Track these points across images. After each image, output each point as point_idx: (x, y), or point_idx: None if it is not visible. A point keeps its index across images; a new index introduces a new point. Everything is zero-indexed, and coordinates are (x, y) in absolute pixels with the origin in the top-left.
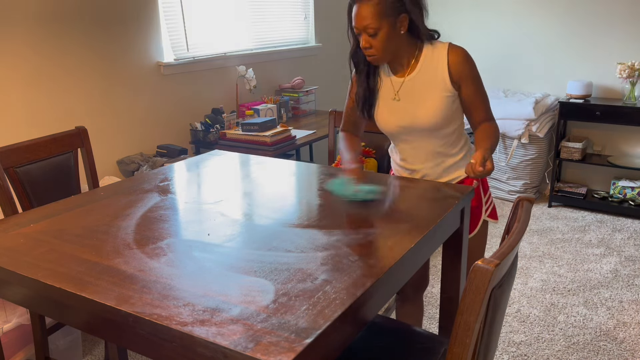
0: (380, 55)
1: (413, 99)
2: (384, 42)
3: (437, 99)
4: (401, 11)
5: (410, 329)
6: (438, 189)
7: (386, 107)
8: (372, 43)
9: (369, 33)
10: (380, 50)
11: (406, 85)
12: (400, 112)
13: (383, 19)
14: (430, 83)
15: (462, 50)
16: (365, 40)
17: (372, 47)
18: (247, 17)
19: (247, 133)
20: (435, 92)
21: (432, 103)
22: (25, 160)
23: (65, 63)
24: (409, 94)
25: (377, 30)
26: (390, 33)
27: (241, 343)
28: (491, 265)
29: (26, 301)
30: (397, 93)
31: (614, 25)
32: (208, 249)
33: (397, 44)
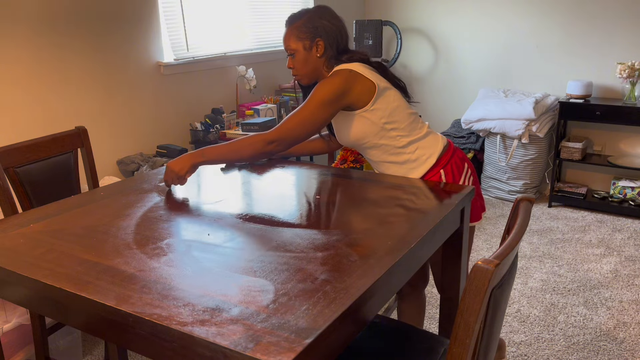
0: (301, 74)
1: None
2: (301, 63)
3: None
4: (316, 35)
5: (410, 329)
6: (438, 189)
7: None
8: (293, 64)
9: (289, 54)
10: (299, 70)
11: None
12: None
13: (298, 41)
14: None
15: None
16: (289, 61)
17: (294, 67)
18: (247, 17)
19: (247, 133)
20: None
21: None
22: (25, 160)
23: (65, 63)
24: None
25: (294, 52)
26: (305, 55)
27: (241, 343)
28: (491, 265)
29: (26, 301)
30: None
31: (613, 25)
32: (208, 249)
33: (315, 66)
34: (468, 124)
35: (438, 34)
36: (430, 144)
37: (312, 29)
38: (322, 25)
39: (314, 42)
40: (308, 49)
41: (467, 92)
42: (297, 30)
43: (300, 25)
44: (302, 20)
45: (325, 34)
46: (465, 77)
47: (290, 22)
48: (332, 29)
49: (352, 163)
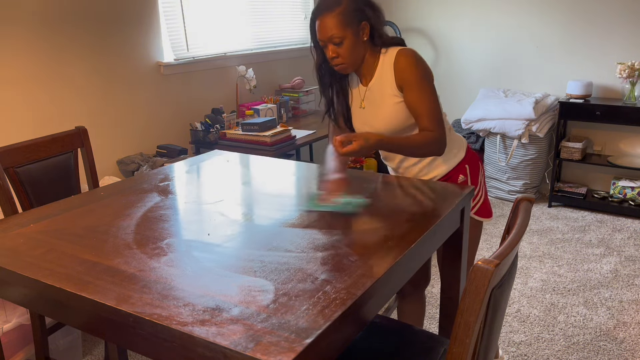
0: (348, 63)
1: (373, 106)
2: (350, 50)
3: (391, 105)
4: (362, 19)
5: (410, 329)
6: (438, 189)
7: (356, 115)
8: (338, 52)
9: (334, 42)
10: (347, 58)
11: (368, 94)
12: (365, 119)
13: (347, 27)
14: (383, 90)
15: (408, 55)
16: (332, 51)
17: (339, 56)
18: (247, 17)
19: (247, 133)
20: (389, 99)
21: (387, 110)
22: (25, 160)
23: (66, 63)
24: (371, 101)
25: (342, 39)
26: (354, 41)
27: (241, 343)
28: (491, 265)
29: (26, 301)
30: (362, 101)
31: (614, 25)
32: (208, 249)
33: (361, 52)
34: (468, 124)
35: (438, 34)
36: (456, 138)
37: (358, 12)
38: (364, 7)
39: (360, 26)
40: (356, 34)
41: (467, 92)
42: (341, 16)
43: (343, 10)
44: (344, 5)
45: (369, 16)
46: (465, 77)
47: (330, 8)
48: (374, 11)
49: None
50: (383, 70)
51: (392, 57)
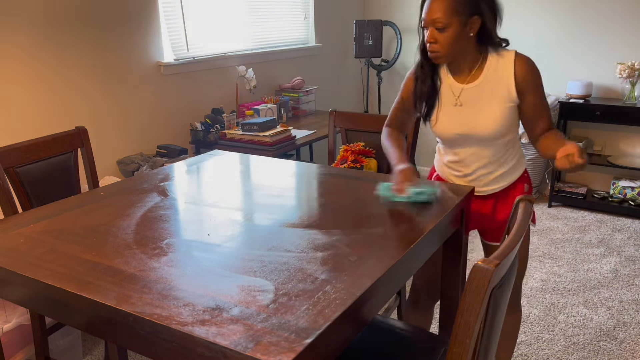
0: (444, 52)
1: (474, 107)
2: (451, 40)
3: (500, 109)
4: (474, 12)
5: (410, 328)
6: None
7: (447, 112)
8: (437, 38)
9: (437, 27)
10: (445, 48)
11: (467, 92)
12: (461, 119)
13: (454, 15)
14: (494, 92)
15: (528, 60)
16: (431, 35)
17: (437, 43)
18: (247, 17)
19: (247, 133)
20: (499, 102)
21: (495, 113)
22: (25, 160)
23: (65, 63)
24: (471, 101)
25: (445, 26)
26: (458, 32)
27: (241, 343)
28: (491, 265)
29: (26, 301)
30: (457, 98)
31: (614, 25)
32: (208, 249)
33: (463, 46)
34: None
35: None
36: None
37: (472, 4)
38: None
39: (471, 20)
40: (463, 25)
41: None
42: (454, 2)
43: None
44: None
45: (483, 12)
46: None
47: None
48: (490, 8)
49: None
50: (497, 72)
51: (510, 61)
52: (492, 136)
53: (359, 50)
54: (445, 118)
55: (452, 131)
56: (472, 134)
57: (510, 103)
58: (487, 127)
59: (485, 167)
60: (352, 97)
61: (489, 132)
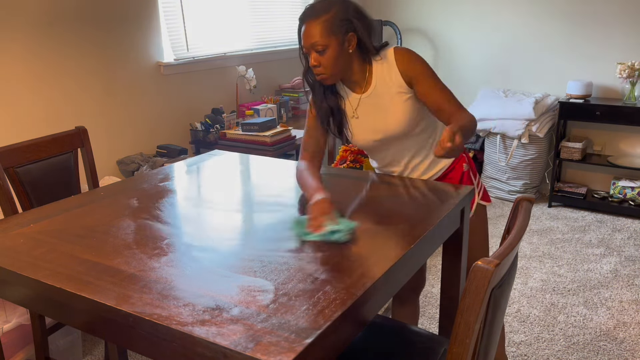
0: (329, 73)
1: (377, 113)
2: (332, 60)
3: (401, 104)
4: (349, 30)
5: (410, 329)
6: (438, 189)
7: (355, 124)
8: (320, 61)
9: (317, 50)
10: (329, 68)
11: (364, 102)
12: (372, 126)
13: (331, 36)
14: (390, 91)
15: (406, 50)
16: (314, 59)
17: (321, 65)
18: (247, 17)
19: (247, 133)
20: (398, 98)
21: (399, 109)
22: (25, 160)
23: (65, 63)
24: (370, 109)
25: (325, 48)
26: (338, 51)
27: (241, 343)
28: (491, 265)
29: (26, 301)
30: (355, 111)
31: (614, 25)
32: (208, 249)
33: (345, 62)
34: None
35: (438, 34)
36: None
37: (345, 22)
38: (352, 18)
39: (347, 37)
40: (340, 44)
41: (467, 92)
42: (327, 23)
43: (330, 18)
44: (332, 13)
45: (357, 28)
46: (465, 77)
47: (316, 14)
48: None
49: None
50: (384, 74)
51: (391, 58)
52: (406, 130)
53: None
54: (357, 129)
55: (369, 139)
56: (388, 135)
57: (407, 95)
58: (398, 124)
59: (414, 158)
60: None
61: (402, 128)
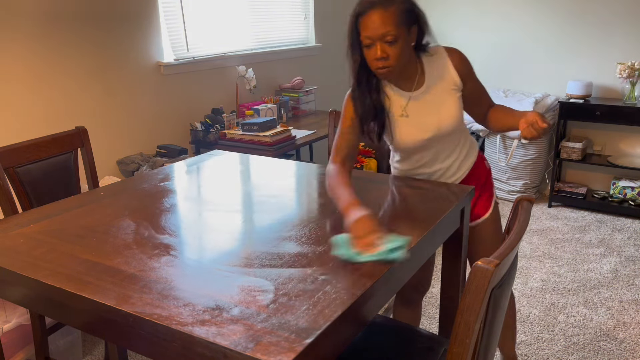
0: (395, 66)
1: (429, 110)
2: (400, 52)
3: (454, 101)
4: (414, 22)
5: (410, 329)
6: (438, 189)
7: (404, 123)
8: (389, 52)
9: (387, 41)
10: (396, 61)
11: (415, 100)
12: (422, 125)
13: (401, 26)
14: (443, 89)
15: (458, 50)
16: (381, 50)
17: (389, 57)
18: (247, 17)
19: (247, 133)
20: (450, 95)
21: (452, 106)
22: (25, 160)
23: (65, 63)
24: (422, 107)
25: (396, 39)
26: (406, 42)
27: (241, 343)
28: (491, 265)
29: (26, 301)
30: (404, 109)
31: (613, 25)
32: (208, 249)
33: (408, 56)
34: (468, 124)
35: (438, 33)
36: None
37: (411, 13)
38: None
39: (411, 29)
40: (407, 35)
41: None
42: (399, 12)
43: (400, 7)
44: (401, 3)
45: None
46: None
47: (387, 3)
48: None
49: None
50: (438, 71)
51: (443, 55)
52: (457, 126)
53: None
54: (406, 129)
55: (418, 138)
56: (440, 132)
57: (458, 92)
58: (452, 121)
59: (447, 159)
60: None
61: (455, 124)
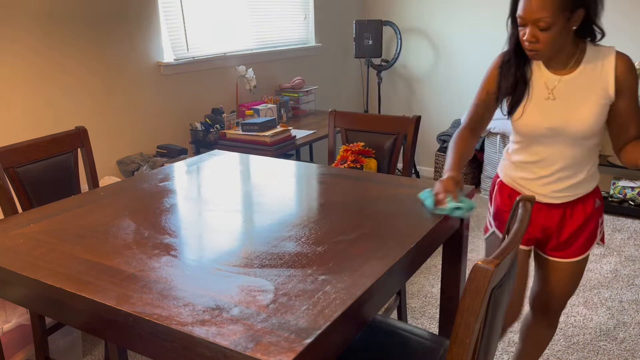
0: (545, 51)
1: (569, 101)
2: (553, 39)
3: (596, 105)
4: (579, 5)
5: (410, 329)
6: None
7: (537, 105)
8: (539, 37)
9: (539, 27)
10: (546, 47)
11: (562, 85)
12: (553, 113)
13: (560, 13)
14: (590, 87)
15: (630, 59)
16: (531, 34)
17: (539, 42)
18: (247, 17)
19: (247, 133)
20: (595, 97)
21: (590, 108)
22: (25, 160)
23: (65, 63)
24: (565, 94)
25: (550, 25)
26: (562, 29)
27: (241, 343)
28: (491, 265)
29: (26, 301)
30: (551, 91)
31: (614, 26)
32: (208, 249)
33: (564, 41)
34: None
35: (438, 34)
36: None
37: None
38: None
39: (575, 12)
40: (566, 21)
41: (467, 92)
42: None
43: None
44: None
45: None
46: (465, 77)
47: None
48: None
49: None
50: (596, 66)
51: (610, 56)
52: (583, 134)
53: (359, 50)
54: (535, 111)
55: (542, 125)
56: (564, 128)
57: (606, 100)
58: (581, 123)
59: (566, 169)
60: (352, 97)
61: (582, 129)
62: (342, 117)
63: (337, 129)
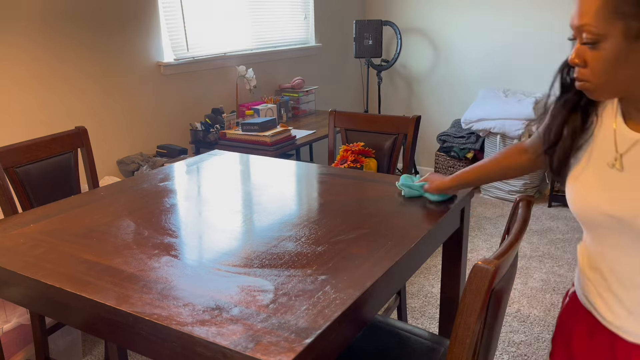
0: (596, 83)
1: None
2: (608, 62)
3: None
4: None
5: (410, 329)
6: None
7: (597, 173)
8: (586, 59)
9: (585, 41)
10: (597, 74)
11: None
12: (620, 192)
13: (613, 21)
14: None
15: None
16: (576, 54)
17: (587, 67)
18: (247, 17)
19: (247, 133)
20: None
21: None
22: (25, 160)
23: (65, 63)
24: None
25: (597, 40)
26: (620, 47)
27: (241, 343)
28: (491, 265)
29: (26, 301)
30: (620, 157)
31: None
32: (208, 249)
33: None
34: (468, 124)
35: (438, 34)
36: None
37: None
38: None
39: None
40: (627, 35)
41: (467, 92)
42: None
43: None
44: None
45: None
46: (465, 77)
47: None
48: None
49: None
50: None
51: None
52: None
53: (359, 50)
54: (595, 184)
55: (600, 208)
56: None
57: None
58: None
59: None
60: (352, 97)
61: None
62: (342, 117)
63: (337, 129)
